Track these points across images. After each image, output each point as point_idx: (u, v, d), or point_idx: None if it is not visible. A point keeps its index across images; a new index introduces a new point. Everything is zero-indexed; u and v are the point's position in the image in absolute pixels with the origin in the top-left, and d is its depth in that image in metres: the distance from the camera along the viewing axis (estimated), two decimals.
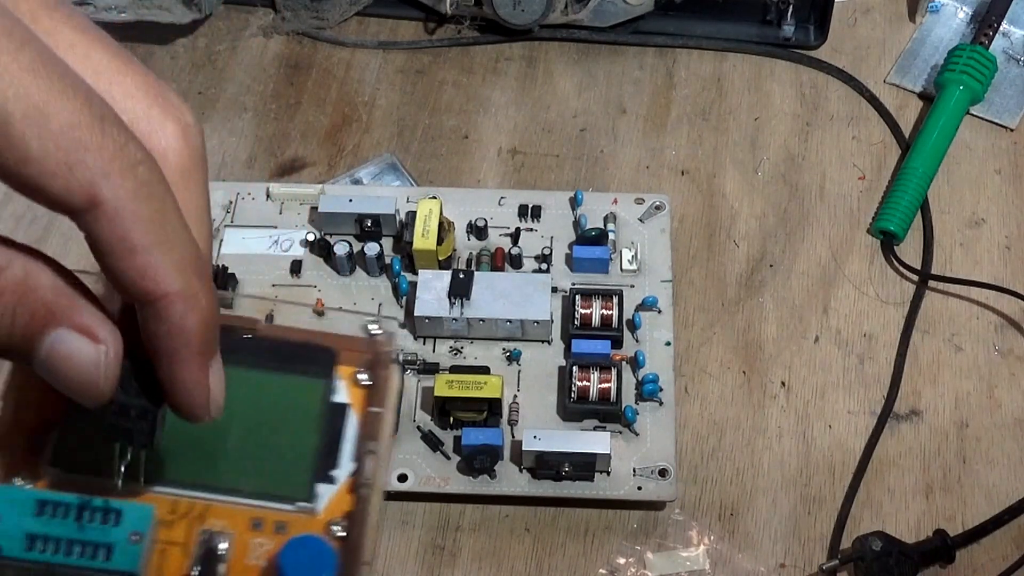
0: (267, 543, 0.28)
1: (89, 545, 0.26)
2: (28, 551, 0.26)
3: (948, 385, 0.52)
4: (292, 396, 0.29)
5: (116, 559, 0.26)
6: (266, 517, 0.28)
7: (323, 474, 0.29)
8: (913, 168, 0.57)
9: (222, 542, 0.28)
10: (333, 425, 0.29)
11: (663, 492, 0.48)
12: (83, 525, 0.26)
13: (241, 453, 0.29)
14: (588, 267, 0.53)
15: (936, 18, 0.65)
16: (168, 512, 0.28)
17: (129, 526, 0.26)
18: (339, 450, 0.29)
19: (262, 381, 0.30)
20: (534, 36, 0.64)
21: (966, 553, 0.48)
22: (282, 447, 0.29)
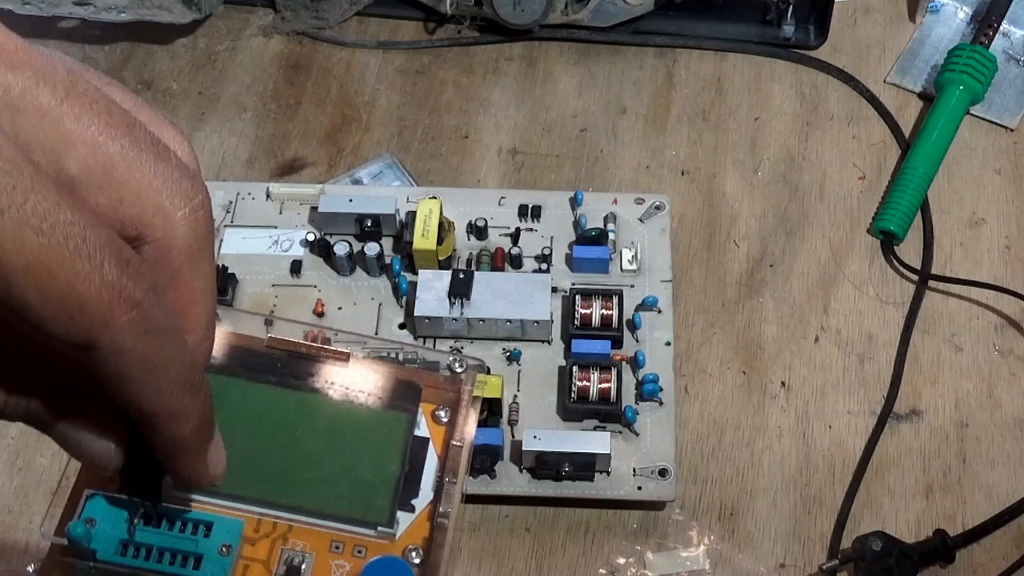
0: (346, 565, 0.29)
1: (180, 554, 0.28)
2: (121, 556, 0.27)
3: (948, 385, 0.52)
4: (379, 427, 0.31)
5: (205, 569, 0.27)
6: (346, 540, 0.29)
7: (404, 502, 0.30)
8: (913, 168, 0.57)
9: (303, 562, 0.29)
10: (415, 457, 0.31)
11: (663, 492, 0.48)
12: (175, 535, 0.28)
13: (327, 478, 0.30)
14: (588, 267, 0.53)
15: (936, 18, 0.65)
16: (252, 530, 0.29)
17: (219, 538, 0.28)
18: (419, 480, 0.30)
19: (351, 411, 0.31)
20: (534, 36, 0.64)
21: (966, 553, 0.48)
22: (366, 474, 0.30)
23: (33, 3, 0.62)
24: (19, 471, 0.50)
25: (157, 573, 0.28)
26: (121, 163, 0.23)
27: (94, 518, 0.28)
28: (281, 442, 0.30)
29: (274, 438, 0.30)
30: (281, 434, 0.30)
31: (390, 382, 0.31)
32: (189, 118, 0.62)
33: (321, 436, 0.30)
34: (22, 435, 0.51)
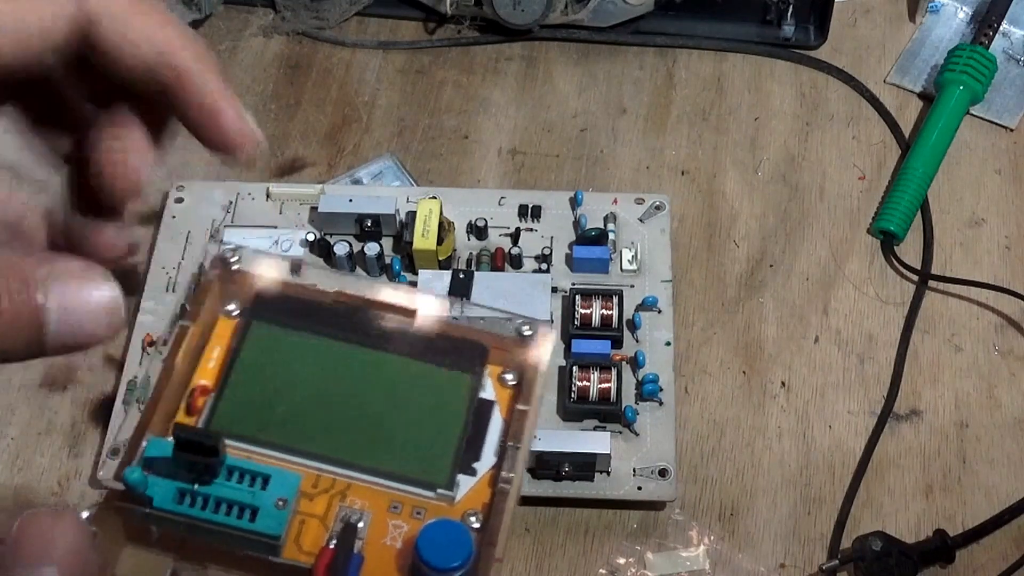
0: (404, 526, 0.28)
1: (236, 505, 0.27)
2: (178, 504, 0.27)
3: (948, 385, 0.52)
4: (442, 387, 0.30)
5: (261, 521, 0.27)
6: (405, 501, 0.29)
7: (465, 465, 0.29)
8: (913, 168, 0.57)
9: (360, 520, 0.28)
10: (479, 420, 0.30)
11: (663, 492, 0.48)
12: (232, 485, 0.27)
13: (388, 436, 0.29)
14: (588, 267, 0.53)
15: (936, 18, 0.65)
16: (311, 486, 0.28)
17: (276, 491, 0.27)
18: (482, 444, 0.30)
19: (415, 370, 0.30)
20: (534, 36, 0.64)
21: (966, 553, 0.48)
22: (428, 435, 0.30)
23: None
24: (19, 471, 0.50)
25: (213, 524, 0.27)
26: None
27: (153, 465, 0.27)
28: (343, 398, 0.30)
29: (337, 393, 0.30)
30: (344, 390, 0.30)
31: (456, 342, 0.31)
32: None
33: (384, 393, 0.30)
34: (22, 435, 0.51)
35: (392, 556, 0.28)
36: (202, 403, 0.29)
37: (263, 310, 0.31)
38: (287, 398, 0.30)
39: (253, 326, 0.31)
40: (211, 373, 0.30)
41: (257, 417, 0.29)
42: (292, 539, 0.28)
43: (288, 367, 0.30)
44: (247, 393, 0.30)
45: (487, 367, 0.31)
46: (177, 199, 0.56)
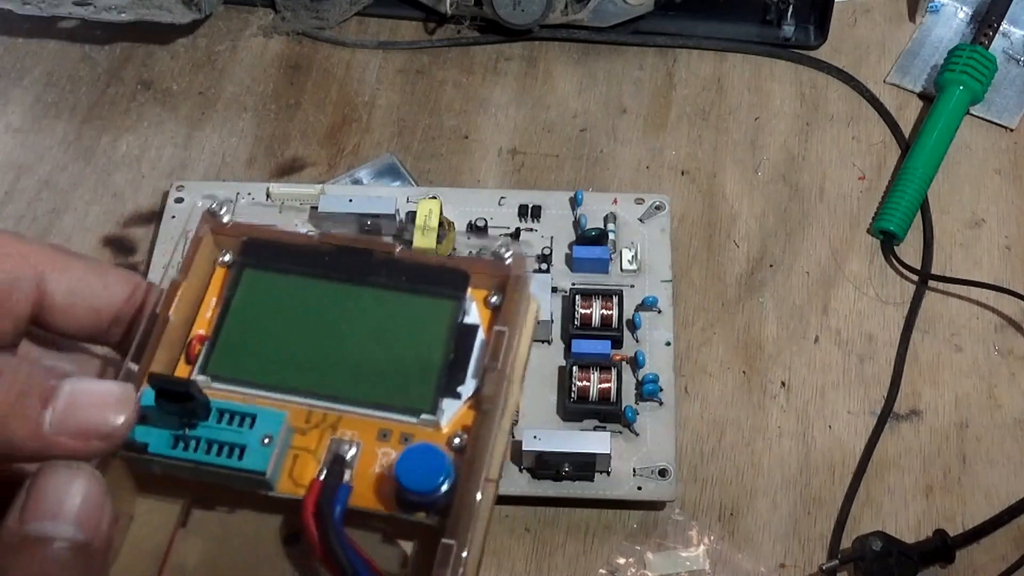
0: (393, 452, 0.29)
1: (225, 445, 0.28)
2: (172, 449, 0.28)
3: (948, 385, 0.52)
4: (424, 316, 0.31)
5: (248, 459, 0.28)
6: (393, 428, 0.29)
7: (449, 389, 0.30)
8: (913, 168, 0.57)
9: (350, 450, 0.29)
10: (462, 344, 0.30)
11: (663, 492, 0.48)
12: (221, 427, 0.28)
13: (375, 367, 0.30)
14: (588, 267, 0.53)
15: (936, 18, 0.65)
16: (303, 421, 0.29)
17: (261, 429, 0.28)
18: (466, 368, 0.30)
19: (396, 301, 0.31)
20: (534, 36, 0.64)
21: (966, 553, 0.48)
22: (412, 363, 0.30)
23: (33, 3, 0.62)
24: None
25: (206, 464, 0.28)
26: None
27: (148, 415, 0.28)
28: (332, 334, 0.31)
29: (324, 331, 0.31)
30: (331, 327, 0.31)
31: (437, 271, 0.31)
32: (189, 118, 0.62)
33: (370, 327, 0.30)
34: None
35: (380, 482, 0.29)
36: (199, 351, 0.31)
37: (252, 256, 0.32)
38: (278, 339, 0.30)
39: (244, 273, 0.31)
40: (208, 323, 0.31)
41: (250, 360, 0.30)
42: (287, 473, 0.29)
43: (279, 309, 0.31)
44: (240, 337, 0.31)
45: (469, 292, 0.31)
46: (177, 199, 0.56)
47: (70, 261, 0.30)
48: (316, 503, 0.28)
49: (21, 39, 0.66)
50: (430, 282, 0.31)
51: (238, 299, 0.31)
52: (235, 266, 0.32)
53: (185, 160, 0.61)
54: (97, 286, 0.30)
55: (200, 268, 0.31)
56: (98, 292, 0.30)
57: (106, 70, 0.64)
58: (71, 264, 0.30)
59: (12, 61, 0.65)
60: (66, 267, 0.30)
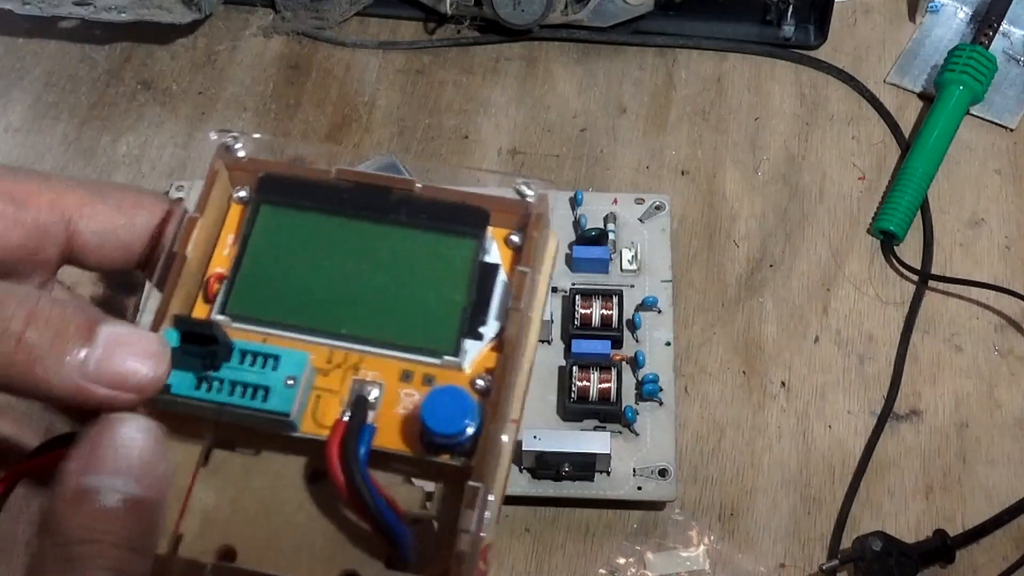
0: (415, 394, 0.29)
1: (249, 387, 0.28)
2: (195, 390, 0.28)
3: (948, 385, 0.52)
4: (445, 254, 0.30)
5: (272, 401, 0.28)
6: (415, 369, 0.29)
7: (471, 331, 0.29)
8: (913, 168, 0.57)
9: (373, 391, 0.29)
10: (483, 284, 0.30)
11: (663, 492, 0.48)
12: (245, 368, 0.28)
13: (396, 307, 0.30)
14: (588, 267, 0.53)
15: (936, 18, 0.65)
16: (325, 362, 0.29)
17: (285, 371, 0.28)
18: (488, 308, 0.30)
19: (417, 239, 0.30)
20: (534, 36, 0.64)
21: (966, 553, 0.48)
22: (433, 303, 0.30)
23: (33, 3, 0.62)
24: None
25: (229, 406, 0.28)
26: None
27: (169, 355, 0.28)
28: (351, 273, 0.30)
29: (345, 270, 0.30)
30: (351, 266, 0.30)
31: (457, 208, 0.30)
32: (189, 118, 0.62)
33: (390, 265, 0.30)
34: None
35: (404, 423, 0.29)
36: (217, 289, 0.30)
37: (269, 192, 0.31)
38: (298, 278, 0.30)
39: (261, 209, 0.31)
40: (226, 260, 0.31)
41: (269, 299, 0.30)
42: (310, 414, 0.29)
43: (297, 247, 0.31)
44: (259, 276, 0.30)
45: (490, 230, 0.30)
46: (177, 199, 0.56)
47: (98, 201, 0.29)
48: (341, 444, 0.28)
49: (21, 39, 0.66)
50: (450, 220, 0.30)
51: (255, 236, 0.31)
52: (251, 202, 0.31)
53: (185, 160, 0.61)
54: (126, 224, 0.30)
55: (215, 204, 0.31)
56: (127, 230, 0.30)
57: (106, 70, 0.64)
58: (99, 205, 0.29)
59: (12, 61, 0.65)
60: (94, 209, 0.29)
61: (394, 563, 0.28)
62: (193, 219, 0.30)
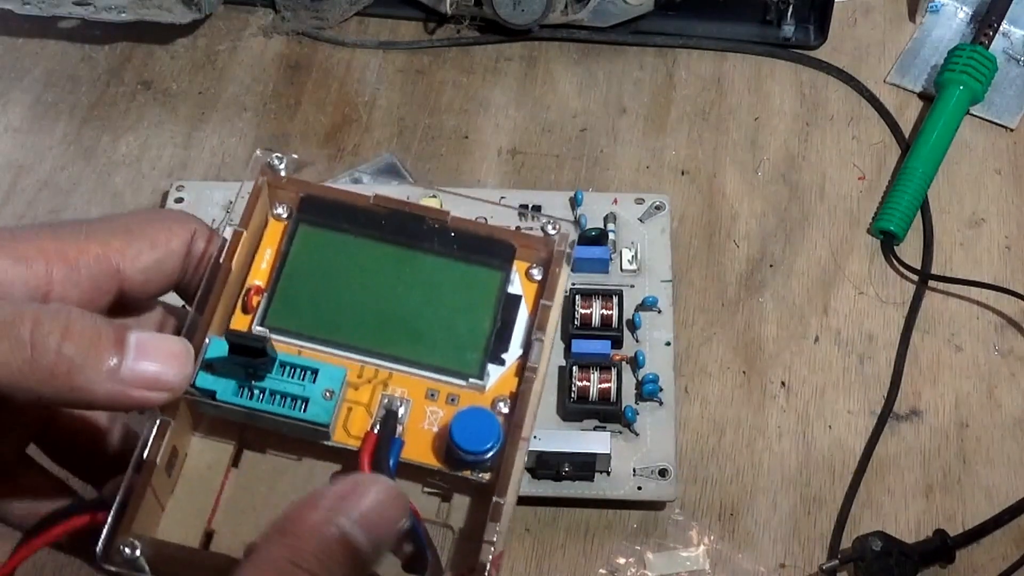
0: (440, 411, 0.31)
1: (289, 397, 0.30)
2: (238, 397, 0.30)
3: (948, 385, 0.52)
4: (474, 284, 0.33)
5: (311, 411, 0.30)
6: (441, 388, 0.31)
7: (495, 356, 0.32)
8: (913, 168, 0.57)
9: (401, 407, 0.31)
10: (507, 313, 0.32)
11: (663, 492, 0.48)
12: (285, 379, 0.30)
13: (425, 330, 0.32)
14: (588, 267, 0.53)
15: (936, 18, 0.65)
16: (356, 376, 0.31)
17: (324, 384, 0.30)
18: (510, 336, 0.32)
19: (448, 268, 0.33)
20: (534, 36, 0.64)
21: (966, 553, 0.48)
22: (461, 328, 0.32)
23: (33, 3, 0.62)
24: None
25: (269, 413, 0.30)
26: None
27: (213, 363, 0.30)
28: (384, 295, 0.32)
29: (377, 291, 0.32)
30: (384, 287, 0.32)
31: (486, 241, 0.33)
32: (189, 118, 0.62)
33: (421, 290, 0.32)
34: None
35: (429, 439, 0.31)
36: (256, 302, 0.32)
37: (309, 213, 0.33)
38: (333, 296, 0.32)
39: (300, 228, 0.33)
40: (264, 274, 0.32)
41: (306, 314, 0.32)
42: (340, 424, 0.31)
43: (333, 267, 0.32)
44: (297, 292, 0.32)
45: (515, 264, 0.33)
46: (177, 199, 0.56)
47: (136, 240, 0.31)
48: (373, 454, 0.30)
49: (21, 39, 0.66)
50: (479, 252, 0.33)
51: (295, 253, 0.32)
52: (292, 220, 0.33)
53: (185, 160, 0.61)
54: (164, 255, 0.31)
55: (256, 220, 0.33)
56: (167, 259, 0.31)
57: (106, 70, 0.64)
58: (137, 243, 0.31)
59: (12, 61, 0.65)
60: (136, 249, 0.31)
61: (413, 567, 0.30)
62: (239, 233, 0.32)
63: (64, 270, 0.29)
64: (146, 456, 0.30)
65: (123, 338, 0.28)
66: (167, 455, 0.30)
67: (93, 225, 0.31)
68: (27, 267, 0.28)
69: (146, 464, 0.30)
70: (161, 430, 0.30)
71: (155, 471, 0.30)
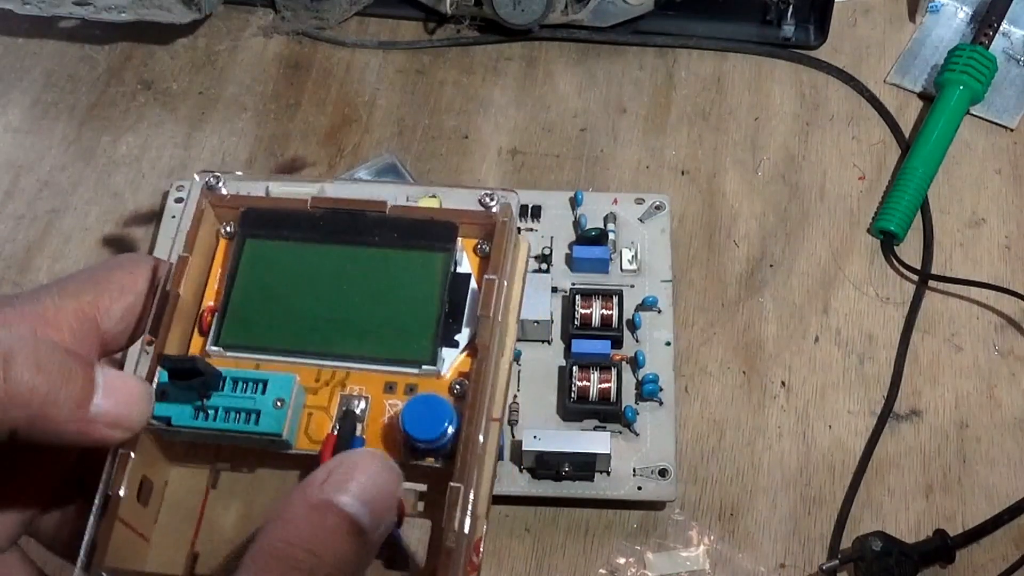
0: (399, 403, 0.31)
1: (242, 411, 0.30)
2: (194, 420, 0.30)
3: (948, 385, 0.52)
4: (418, 269, 0.32)
5: (263, 423, 0.30)
6: (398, 380, 0.31)
7: (447, 339, 0.31)
8: (913, 168, 0.57)
9: (360, 404, 0.31)
10: (456, 293, 0.32)
11: (663, 492, 0.48)
12: (236, 395, 0.30)
13: (375, 324, 0.32)
14: (588, 267, 0.53)
15: (936, 18, 0.65)
16: (313, 380, 0.31)
17: (273, 393, 0.30)
18: (462, 316, 0.32)
19: (392, 258, 0.32)
20: (534, 36, 0.64)
21: (966, 553, 0.48)
22: (410, 316, 0.32)
23: (33, 3, 0.62)
24: None
25: (225, 431, 0.30)
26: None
27: (167, 390, 0.30)
28: (331, 296, 0.32)
29: (325, 293, 0.32)
30: (331, 289, 0.32)
31: (427, 225, 0.32)
32: (189, 118, 0.62)
33: (366, 285, 0.32)
34: None
35: (390, 432, 0.31)
36: (210, 321, 0.32)
37: (252, 227, 0.33)
38: (282, 305, 0.32)
39: (246, 243, 0.33)
40: (217, 294, 0.33)
41: (258, 328, 0.32)
42: (303, 431, 0.31)
43: (281, 275, 0.32)
44: (247, 307, 0.32)
45: (460, 241, 0.32)
46: (177, 199, 0.56)
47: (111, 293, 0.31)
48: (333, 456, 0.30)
49: (21, 39, 0.66)
50: (421, 236, 0.32)
51: (242, 269, 0.32)
52: (237, 237, 0.33)
53: (185, 160, 0.61)
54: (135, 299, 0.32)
55: (204, 242, 0.33)
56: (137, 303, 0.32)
57: (106, 70, 0.64)
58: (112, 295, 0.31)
59: (12, 61, 0.65)
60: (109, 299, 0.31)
61: (393, 562, 0.30)
62: (184, 259, 0.32)
63: (47, 331, 0.30)
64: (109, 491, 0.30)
65: (91, 374, 0.28)
66: (135, 487, 0.30)
67: (63, 284, 0.31)
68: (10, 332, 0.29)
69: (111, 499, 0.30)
70: (122, 463, 0.30)
71: (123, 504, 0.30)
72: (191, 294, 0.32)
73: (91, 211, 0.59)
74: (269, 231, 0.33)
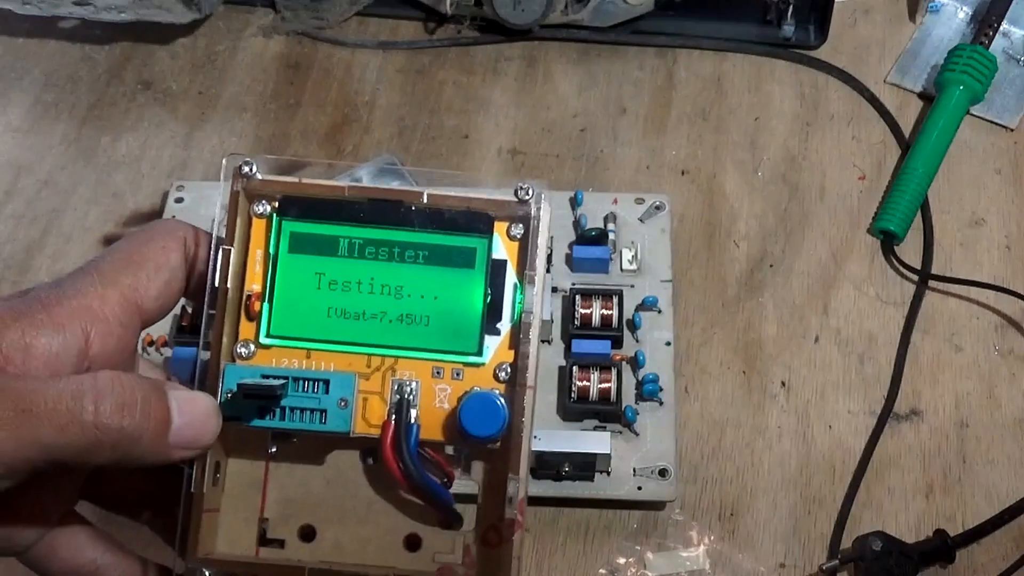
0: (448, 388, 0.33)
1: (307, 411, 0.32)
2: (261, 419, 0.33)
3: (948, 385, 0.52)
4: (458, 258, 0.34)
5: (331, 422, 0.32)
6: (445, 366, 0.34)
7: (490, 328, 0.34)
8: (913, 168, 0.57)
9: (411, 389, 0.33)
10: (495, 283, 0.34)
11: (663, 492, 0.48)
12: (300, 395, 0.32)
13: (420, 312, 0.33)
14: (588, 267, 0.53)
15: (936, 18, 0.65)
16: (365, 366, 0.33)
17: (337, 393, 0.32)
18: (502, 306, 0.34)
19: (434, 247, 0.34)
20: (534, 36, 0.64)
21: (966, 553, 0.48)
22: (453, 305, 0.34)
23: (33, 3, 0.62)
24: None
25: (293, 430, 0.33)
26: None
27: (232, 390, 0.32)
28: (373, 282, 0.33)
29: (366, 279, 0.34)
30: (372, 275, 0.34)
31: (464, 215, 0.34)
32: (189, 118, 0.62)
33: (408, 273, 0.33)
34: None
35: (442, 418, 0.33)
36: (258, 308, 0.33)
37: (291, 213, 0.34)
38: (329, 294, 0.33)
39: (284, 227, 0.34)
40: (258, 276, 0.34)
41: (307, 318, 0.33)
42: (359, 416, 0.33)
43: (323, 263, 0.34)
44: (294, 297, 0.33)
45: (495, 227, 0.34)
46: (177, 199, 0.56)
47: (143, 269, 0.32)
48: (393, 445, 0.32)
49: (21, 39, 0.66)
50: (459, 226, 0.34)
51: (283, 256, 0.34)
52: (275, 224, 0.34)
53: (185, 160, 0.61)
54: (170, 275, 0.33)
55: (241, 225, 0.34)
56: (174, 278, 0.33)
57: (106, 70, 0.64)
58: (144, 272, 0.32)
59: (12, 61, 0.65)
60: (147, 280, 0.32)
61: (448, 524, 0.34)
62: (227, 252, 0.33)
63: (97, 325, 0.31)
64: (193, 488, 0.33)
65: (167, 404, 0.30)
66: (212, 476, 0.33)
67: (101, 269, 0.32)
68: (67, 334, 0.30)
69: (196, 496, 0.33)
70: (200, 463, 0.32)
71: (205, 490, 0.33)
72: (235, 282, 0.34)
73: (91, 211, 0.59)
74: (308, 216, 0.34)
